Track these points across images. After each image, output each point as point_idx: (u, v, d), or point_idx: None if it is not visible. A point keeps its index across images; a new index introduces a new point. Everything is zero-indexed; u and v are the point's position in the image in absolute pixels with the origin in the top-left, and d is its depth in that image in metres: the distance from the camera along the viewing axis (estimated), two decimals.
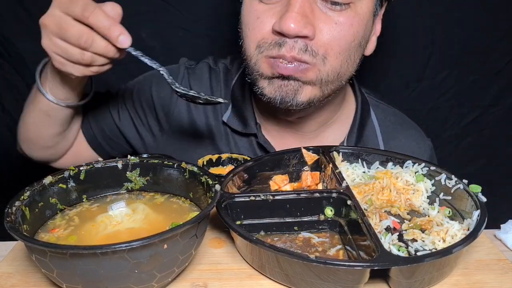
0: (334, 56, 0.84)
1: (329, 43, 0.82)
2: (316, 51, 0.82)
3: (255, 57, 0.85)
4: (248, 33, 0.86)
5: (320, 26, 0.82)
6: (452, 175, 0.76)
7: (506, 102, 1.46)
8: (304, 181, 0.83)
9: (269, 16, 0.83)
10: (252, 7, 0.85)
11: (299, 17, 0.78)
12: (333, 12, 0.82)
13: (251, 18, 0.85)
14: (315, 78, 0.84)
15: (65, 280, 0.55)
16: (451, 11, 1.36)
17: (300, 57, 0.81)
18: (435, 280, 0.62)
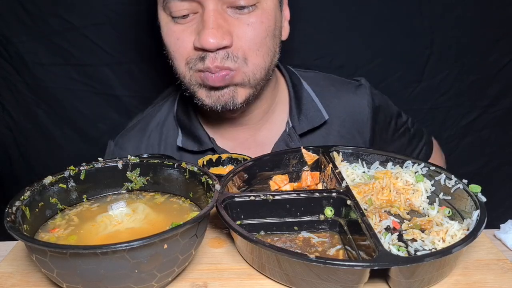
0: (254, 55, 0.89)
1: (246, 45, 0.87)
2: (236, 56, 0.87)
3: (187, 73, 0.90)
4: (173, 54, 0.91)
5: (235, 32, 0.86)
6: (452, 175, 0.76)
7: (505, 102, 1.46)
8: (304, 181, 0.83)
9: (187, 35, 0.87)
10: (170, 29, 0.90)
11: (215, 31, 0.83)
12: (242, 15, 0.86)
13: (172, 40, 0.90)
14: (242, 80, 0.90)
15: (65, 280, 0.55)
16: (450, 11, 1.36)
17: (223, 65, 0.86)
18: (435, 280, 0.62)
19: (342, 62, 1.36)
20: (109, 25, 1.27)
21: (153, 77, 1.32)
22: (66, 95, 1.32)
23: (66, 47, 1.27)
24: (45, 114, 1.34)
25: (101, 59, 1.29)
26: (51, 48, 1.27)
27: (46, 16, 1.24)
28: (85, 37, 1.27)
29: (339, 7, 1.31)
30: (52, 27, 1.25)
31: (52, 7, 1.23)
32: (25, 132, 1.35)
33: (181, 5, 0.85)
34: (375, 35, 1.35)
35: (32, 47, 1.27)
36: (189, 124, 1.03)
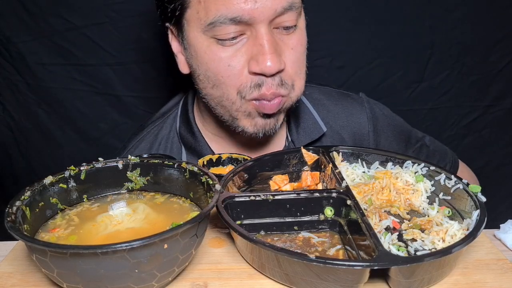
0: (298, 79, 0.89)
1: (292, 69, 0.87)
2: (287, 82, 0.87)
3: (238, 102, 0.87)
4: (223, 80, 0.86)
5: (283, 54, 0.85)
6: (452, 175, 0.76)
7: (505, 103, 1.47)
8: (304, 181, 0.84)
9: (239, 59, 0.84)
10: (216, 54, 0.85)
11: (274, 55, 0.82)
12: (286, 36, 0.86)
13: (222, 66, 0.85)
14: (289, 106, 0.91)
15: (66, 280, 0.55)
16: (451, 11, 1.36)
17: (278, 92, 0.86)
18: (435, 280, 0.62)
19: (342, 63, 1.36)
20: (110, 25, 1.27)
21: (154, 77, 1.32)
22: (66, 95, 1.32)
23: (67, 47, 1.27)
24: (45, 114, 1.34)
25: (102, 59, 1.29)
26: (52, 48, 1.27)
27: (47, 16, 1.24)
28: (86, 37, 1.27)
29: (340, 8, 1.32)
30: (53, 27, 1.25)
31: (53, 7, 1.24)
32: (25, 132, 1.35)
33: (230, 28, 0.82)
34: (375, 36, 1.35)
35: (33, 47, 1.27)
36: (193, 142, 1.01)
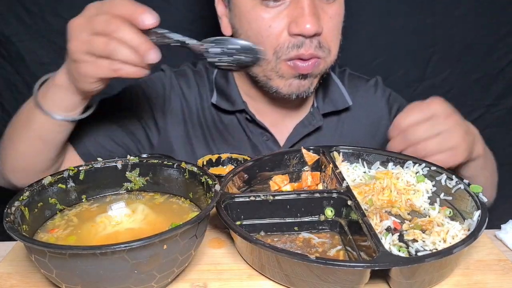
0: (334, 46, 0.95)
1: (330, 35, 0.93)
2: (324, 45, 0.92)
3: (273, 62, 0.92)
4: (262, 40, 0.91)
5: (322, 20, 0.90)
6: (453, 175, 0.76)
7: (508, 101, 1.46)
8: (304, 181, 0.83)
9: (279, 21, 0.90)
10: (259, 14, 0.91)
11: (313, 18, 0.87)
12: (326, 5, 0.92)
13: (263, 26, 0.91)
14: (324, 69, 0.96)
15: (64, 281, 0.55)
16: (452, 10, 1.36)
17: (316, 53, 0.91)
18: (436, 281, 0.62)
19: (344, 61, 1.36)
20: None
21: None
22: None
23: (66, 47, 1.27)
24: None
25: None
26: (51, 48, 1.27)
27: (46, 15, 1.24)
28: None
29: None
30: (52, 26, 1.25)
31: (52, 6, 1.23)
32: None
33: None
34: (377, 34, 1.35)
35: (32, 47, 1.27)
36: (226, 87, 1.06)
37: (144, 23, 0.72)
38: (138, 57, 0.71)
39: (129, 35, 0.70)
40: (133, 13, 0.71)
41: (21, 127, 0.88)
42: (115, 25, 0.70)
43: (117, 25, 0.70)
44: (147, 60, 0.71)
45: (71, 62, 0.78)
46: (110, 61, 0.72)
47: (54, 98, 0.83)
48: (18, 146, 0.89)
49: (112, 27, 0.70)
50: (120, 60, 0.71)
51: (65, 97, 0.83)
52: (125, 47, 0.71)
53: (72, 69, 0.78)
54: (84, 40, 0.73)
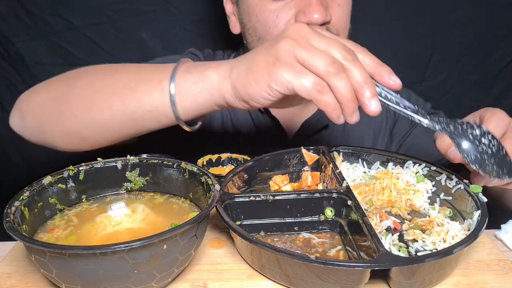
0: (343, 34, 0.96)
1: (339, 23, 0.94)
2: (332, 31, 0.92)
3: None
4: (270, 30, 0.93)
5: (330, 9, 0.91)
6: (453, 175, 0.76)
7: (507, 103, 1.46)
8: (304, 181, 0.83)
9: (286, 12, 0.91)
10: (267, 6, 0.93)
11: (320, 7, 0.88)
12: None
13: (270, 17, 0.92)
14: None
15: (64, 281, 0.55)
16: (452, 12, 1.36)
17: None
18: (436, 281, 0.62)
19: None
20: (109, 25, 1.26)
21: None
22: None
23: (66, 47, 1.27)
24: None
25: (101, 58, 1.29)
26: (51, 48, 1.27)
27: (46, 16, 1.24)
28: (85, 36, 1.27)
29: None
30: (52, 27, 1.25)
31: (52, 6, 1.23)
32: None
33: None
34: (376, 35, 1.35)
35: (32, 47, 1.27)
36: None
37: (391, 81, 0.63)
38: (353, 96, 0.60)
39: (362, 68, 0.61)
40: (379, 64, 0.64)
41: (117, 96, 0.74)
42: (352, 54, 0.62)
43: (354, 54, 0.62)
44: (368, 105, 0.61)
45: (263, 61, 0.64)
46: (319, 81, 0.61)
47: (193, 96, 0.70)
48: (98, 114, 0.75)
49: (348, 52, 0.61)
50: (333, 85, 0.60)
51: (206, 102, 0.70)
52: (346, 78, 0.60)
53: (257, 69, 0.64)
54: (304, 45, 0.62)
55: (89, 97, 0.77)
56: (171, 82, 0.70)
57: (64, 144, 0.82)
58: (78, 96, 0.78)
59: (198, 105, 0.71)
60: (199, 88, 0.69)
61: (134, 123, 0.75)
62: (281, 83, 0.62)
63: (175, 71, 0.70)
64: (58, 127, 0.80)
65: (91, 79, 0.79)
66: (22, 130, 0.88)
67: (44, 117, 0.82)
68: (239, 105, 0.68)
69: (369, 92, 0.61)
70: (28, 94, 0.86)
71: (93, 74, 0.80)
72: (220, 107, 0.71)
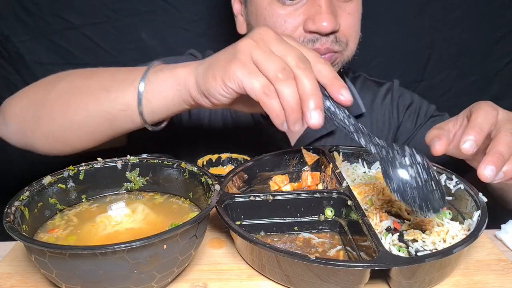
0: (352, 42, 0.97)
1: (348, 31, 0.94)
2: (341, 40, 0.94)
3: None
4: None
5: (339, 17, 0.92)
6: (453, 176, 0.76)
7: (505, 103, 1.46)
8: (304, 181, 0.83)
9: (295, 17, 0.91)
10: (275, 11, 0.93)
11: (330, 15, 0.88)
12: (343, 3, 0.93)
13: (278, 22, 0.92)
14: (341, 63, 0.98)
15: (64, 281, 0.55)
16: (450, 11, 1.36)
17: (332, 47, 0.92)
18: (436, 281, 0.62)
19: None
20: (109, 24, 1.26)
21: None
22: None
23: (66, 46, 1.27)
24: None
25: (101, 58, 1.29)
26: (51, 47, 1.27)
27: (46, 15, 1.24)
28: (85, 36, 1.27)
29: None
30: (52, 26, 1.25)
31: (52, 6, 1.23)
32: None
33: None
34: (375, 35, 1.35)
35: (32, 46, 1.27)
36: None
37: (341, 96, 0.63)
38: (297, 105, 0.60)
39: (312, 79, 0.61)
40: (334, 77, 0.63)
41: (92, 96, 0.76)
42: (306, 63, 0.62)
43: (308, 64, 0.62)
44: (308, 116, 0.60)
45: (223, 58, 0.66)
46: (267, 84, 0.61)
47: (162, 92, 0.72)
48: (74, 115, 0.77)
49: (302, 61, 0.62)
50: (279, 90, 0.60)
51: (174, 98, 0.72)
52: (294, 86, 0.60)
53: (216, 65, 0.66)
54: (262, 47, 0.63)
55: (66, 99, 0.78)
56: (141, 80, 0.73)
57: (46, 148, 0.84)
58: (56, 99, 0.80)
59: (167, 102, 0.73)
60: (169, 84, 0.72)
61: (110, 123, 0.77)
62: (234, 80, 0.63)
63: (147, 71, 0.74)
64: (37, 130, 0.82)
65: (69, 82, 0.81)
66: (6, 135, 0.89)
67: (25, 121, 0.83)
68: (202, 101, 0.70)
69: (313, 104, 0.60)
70: (10, 100, 0.87)
71: (71, 77, 0.82)
72: (187, 104, 0.73)
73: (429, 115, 1.14)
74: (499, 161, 0.65)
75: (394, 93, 1.16)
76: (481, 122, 0.69)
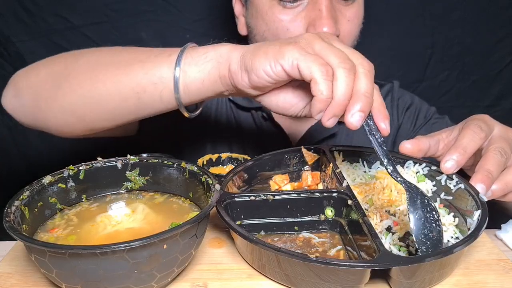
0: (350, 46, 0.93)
1: (346, 38, 0.93)
2: None
3: None
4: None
5: (338, 23, 0.91)
6: (453, 175, 0.75)
7: (506, 102, 1.46)
8: (305, 181, 0.83)
9: (297, 23, 0.90)
10: (277, 16, 0.92)
11: (331, 21, 0.87)
12: (344, 7, 0.92)
13: (281, 29, 0.92)
14: None
15: (64, 280, 0.55)
16: (451, 11, 1.36)
17: None
18: (436, 280, 0.62)
19: None
20: (109, 24, 1.27)
21: None
22: None
23: (66, 47, 1.27)
24: None
25: None
26: (51, 47, 1.27)
27: (46, 15, 1.24)
28: (85, 36, 1.27)
29: None
30: (52, 26, 1.25)
31: (52, 6, 1.24)
32: (24, 132, 1.35)
33: None
34: (376, 35, 1.35)
35: (32, 46, 1.27)
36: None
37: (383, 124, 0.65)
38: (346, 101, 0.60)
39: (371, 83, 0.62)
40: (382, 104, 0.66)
41: (124, 67, 0.73)
42: (369, 66, 0.63)
43: (370, 68, 0.63)
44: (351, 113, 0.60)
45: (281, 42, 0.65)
46: (327, 66, 0.60)
47: (200, 64, 0.69)
48: (102, 86, 0.73)
49: (366, 63, 0.63)
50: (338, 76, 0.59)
51: (211, 71, 0.69)
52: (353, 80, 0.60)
53: (271, 45, 0.64)
54: (325, 40, 0.63)
55: (94, 69, 0.75)
56: (180, 53, 0.70)
57: (58, 124, 0.80)
58: (83, 69, 0.77)
59: (203, 76, 0.69)
60: (209, 56, 0.69)
61: (137, 99, 0.73)
62: (288, 58, 0.61)
63: (185, 47, 0.71)
64: (55, 102, 0.78)
65: (96, 55, 0.78)
66: (15, 109, 0.85)
67: (42, 92, 0.79)
68: (239, 76, 0.67)
69: (362, 104, 0.60)
70: (26, 70, 0.84)
71: (98, 52, 0.79)
72: (223, 83, 0.69)
73: (429, 117, 1.14)
74: (488, 179, 0.66)
75: (394, 94, 1.15)
76: (466, 143, 0.69)
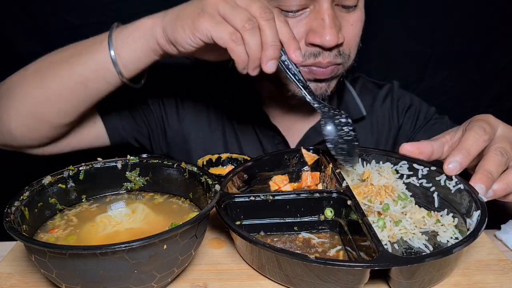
0: (354, 51, 0.96)
1: (350, 42, 0.93)
2: (344, 52, 0.92)
3: None
4: None
5: (343, 29, 0.90)
6: (453, 175, 0.75)
7: (506, 102, 1.46)
8: (304, 181, 0.83)
9: (298, 30, 0.88)
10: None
11: (334, 30, 0.86)
12: (346, 14, 0.91)
13: None
14: (341, 73, 0.97)
15: (64, 281, 0.55)
16: (451, 11, 1.36)
17: (334, 61, 0.91)
18: (436, 280, 0.62)
19: None
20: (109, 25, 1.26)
21: None
22: None
23: None
24: None
25: None
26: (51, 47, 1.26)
27: (46, 15, 1.24)
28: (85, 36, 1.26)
29: None
30: (52, 27, 1.25)
31: (52, 6, 1.24)
32: None
33: (295, 0, 0.87)
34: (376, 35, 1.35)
35: (32, 46, 1.26)
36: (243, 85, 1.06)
37: (293, 55, 0.73)
38: (259, 53, 0.70)
39: (274, 30, 0.70)
40: (292, 38, 0.73)
41: (65, 63, 0.82)
42: (269, 14, 0.70)
43: (271, 15, 0.70)
44: (265, 63, 0.70)
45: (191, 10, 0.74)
46: (235, 32, 0.69)
47: (131, 45, 0.79)
48: (49, 84, 0.82)
49: (266, 12, 0.69)
50: (246, 39, 0.69)
51: (143, 48, 0.79)
52: (258, 35, 0.69)
53: (184, 17, 0.74)
54: (228, 1, 0.71)
55: (41, 72, 0.84)
56: (109, 38, 0.80)
57: (22, 130, 0.87)
58: (30, 74, 0.86)
59: (137, 54, 0.80)
60: (136, 36, 0.79)
61: (84, 87, 0.82)
62: (202, 31, 0.71)
63: (111, 30, 0.81)
64: (12, 109, 0.86)
65: (43, 59, 0.87)
66: None
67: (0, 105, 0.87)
68: (169, 48, 0.77)
69: (271, 53, 0.70)
70: None
71: (46, 56, 0.87)
72: (156, 54, 0.80)
73: (429, 117, 1.13)
74: (488, 179, 0.67)
75: (394, 95, 1.15)
76: (469, 145, 0.71)
